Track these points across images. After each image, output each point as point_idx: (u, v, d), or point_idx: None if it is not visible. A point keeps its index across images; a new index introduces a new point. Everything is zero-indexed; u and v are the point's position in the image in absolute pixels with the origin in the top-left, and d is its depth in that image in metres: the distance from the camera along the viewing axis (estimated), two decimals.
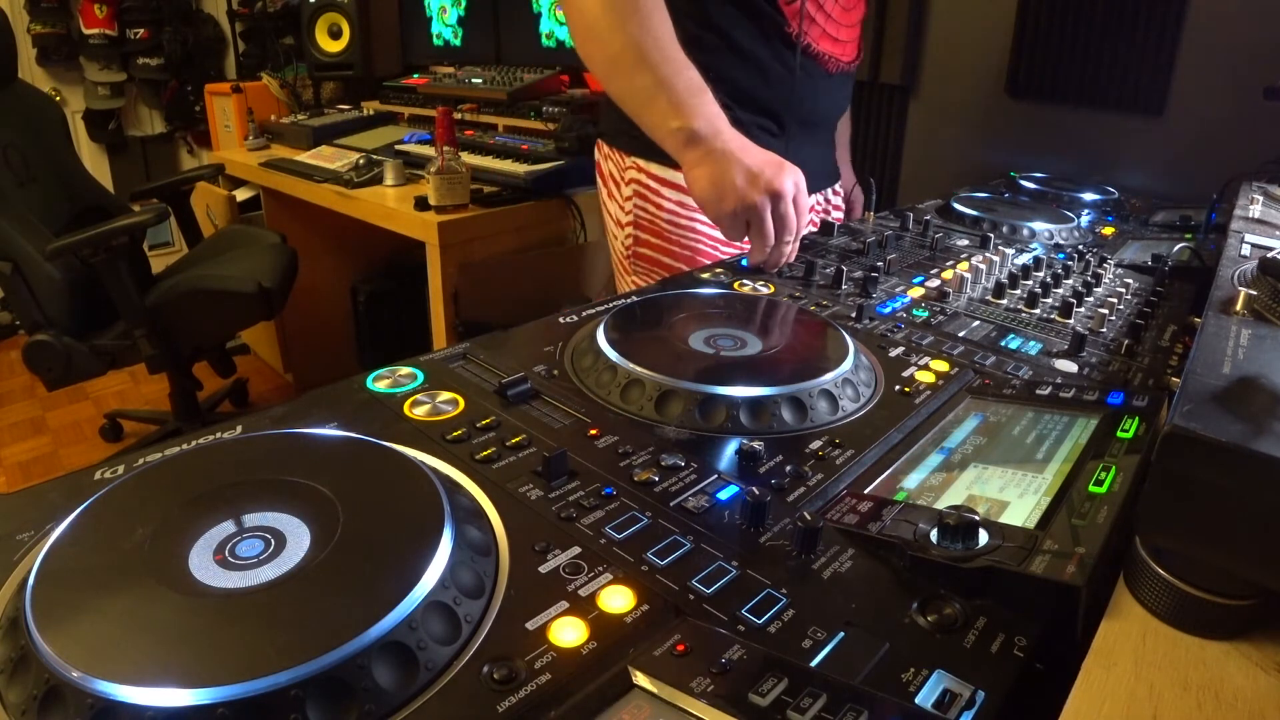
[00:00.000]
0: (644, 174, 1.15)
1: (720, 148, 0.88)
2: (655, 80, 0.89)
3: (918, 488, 0.52)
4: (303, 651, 0.33)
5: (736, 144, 0.89)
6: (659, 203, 1.15)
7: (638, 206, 1.17)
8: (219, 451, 0.50)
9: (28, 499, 0.46)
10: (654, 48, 0.89)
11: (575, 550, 0.44)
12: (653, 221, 1.16)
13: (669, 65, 0.89)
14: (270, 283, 2.16)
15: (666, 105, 0.89)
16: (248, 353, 3.14)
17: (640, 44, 0.88)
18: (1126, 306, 0.88)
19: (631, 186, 1.17)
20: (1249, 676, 0.38)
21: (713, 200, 0.90)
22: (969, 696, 0.36)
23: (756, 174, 0.87)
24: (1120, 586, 0.44)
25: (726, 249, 1.15)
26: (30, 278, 1.97)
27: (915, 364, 0.71)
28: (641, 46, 0.88)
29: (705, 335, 0.69)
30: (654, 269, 1.19)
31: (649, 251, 1.19)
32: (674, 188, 1.13)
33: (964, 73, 1.79)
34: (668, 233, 1.16)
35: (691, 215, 1.14)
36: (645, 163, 1.15)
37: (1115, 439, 0.53)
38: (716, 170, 0.88)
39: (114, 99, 3.83)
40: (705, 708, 0.33)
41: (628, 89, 0.93)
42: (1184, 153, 1.49)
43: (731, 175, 0.87)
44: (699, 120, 0.89)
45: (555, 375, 0.65)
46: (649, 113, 0.92)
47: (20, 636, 0.34)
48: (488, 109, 2.45)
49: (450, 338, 1.91)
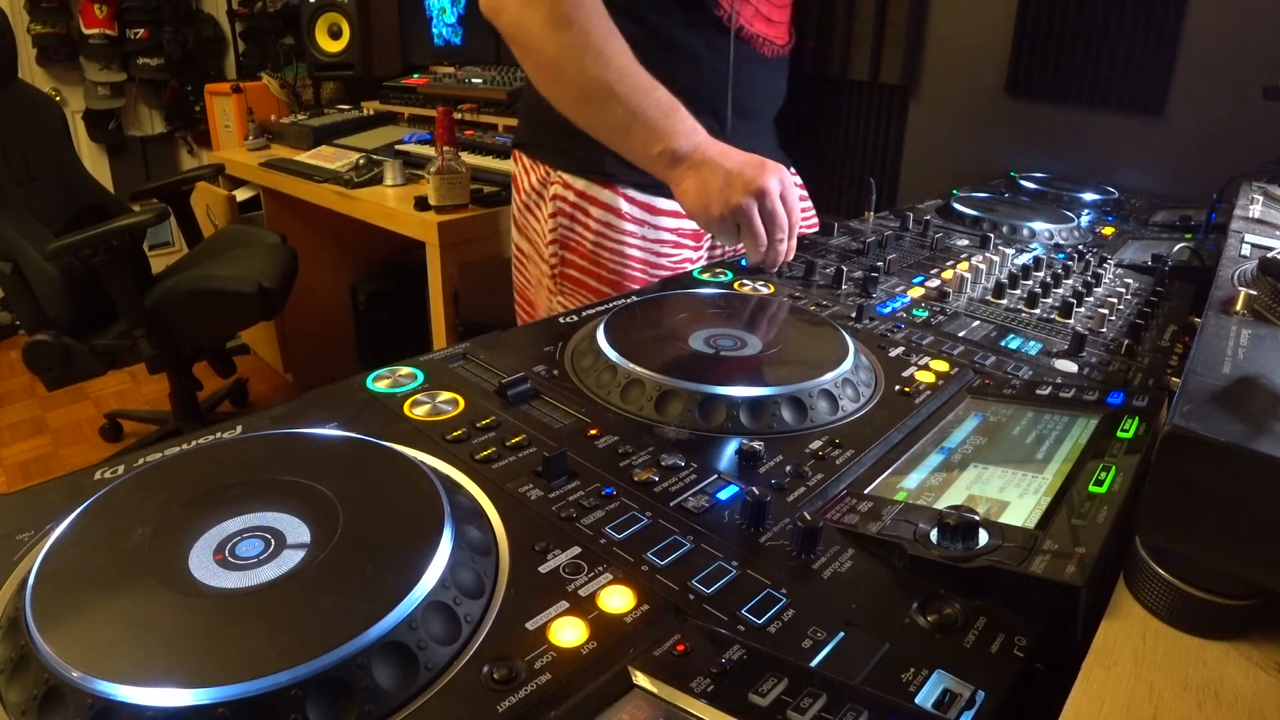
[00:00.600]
0: (570, 190, 1.09)
1: (700, 158, 0.88)
2: (627, 111, 0.88)
3: (918, 488, 0.52)
4: (303, 651, 0.33)
5: (716, 151, 0.89)
6: (585, 222, 1.09)
7: (562, 225, 1.11)
8: (219, 451, 0.50)
9: (28, 499, 0.46)
10: (618, 80, 0.88)
11: (575, 550, 0.44)
12: (579, 242, 1.10)
13: (637, 93, 0.88)
14: (270, 283, 2.16)
15: (643, 133, 0.89)
16: (248, 353, 3.14)
17: (603, 79, 0.88)
18: (1126, 306, 0.88)
19: (555, 203, 1.10)
20: (1249, 676, 0.38)
21: (700, 210, 0.90)
22: (969, 696, 0.36)
23: (737, 175, 0.87)
24: (1120, 586, 0.44)
25: (657, 272, 1.10)
26: (30, 277, 1.97)
27: (915, 364, 0.71)
28: (604, 81, 0.88)
29: (705, 335, 0.69)
30: (580, 290, 1.12)
31: (574, 272, 1.12)
32: (601, 206, 1.07)
33: (964, 73, 1.79)
34: (594, 254, 1.09)
35: (619, 238, 1.08)
36: (571, 178, 1.08)
37: (1115, 439, 0.53)
38: (698, 180, 0.88)
39: (114, 99, 3.83)
40: (705, 708, 0.33)
41: (600, 124, 0.92)
42: (1184, 153, 1.49)
43: (713, 182, 0.87)
44: (678, 139, 0.88)
45: (555, 375, 0.65)
46: (627, 143, 0.91)
47: (20, 636, 0.34)
48: (488, 109, 2.45)
49: (450, 338, 1.91)
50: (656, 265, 1.10)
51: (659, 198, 1.07)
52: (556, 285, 1.14)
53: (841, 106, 2.05)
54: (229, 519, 0.41)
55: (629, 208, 1.07)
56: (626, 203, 1.07)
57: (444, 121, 1.80)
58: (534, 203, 1.16)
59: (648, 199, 1.07)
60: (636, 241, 1.08)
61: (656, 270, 1.10)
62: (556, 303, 1.15)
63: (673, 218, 1.09)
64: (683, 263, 1.12)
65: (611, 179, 1.06)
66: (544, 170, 1.12)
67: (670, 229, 1.10)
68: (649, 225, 1.08)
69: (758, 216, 0.87)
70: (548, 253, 1.14)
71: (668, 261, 1.11)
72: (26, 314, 2.03)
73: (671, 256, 1.11)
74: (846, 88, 2.02)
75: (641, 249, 1.08)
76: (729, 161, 0.88)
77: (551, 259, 1.13)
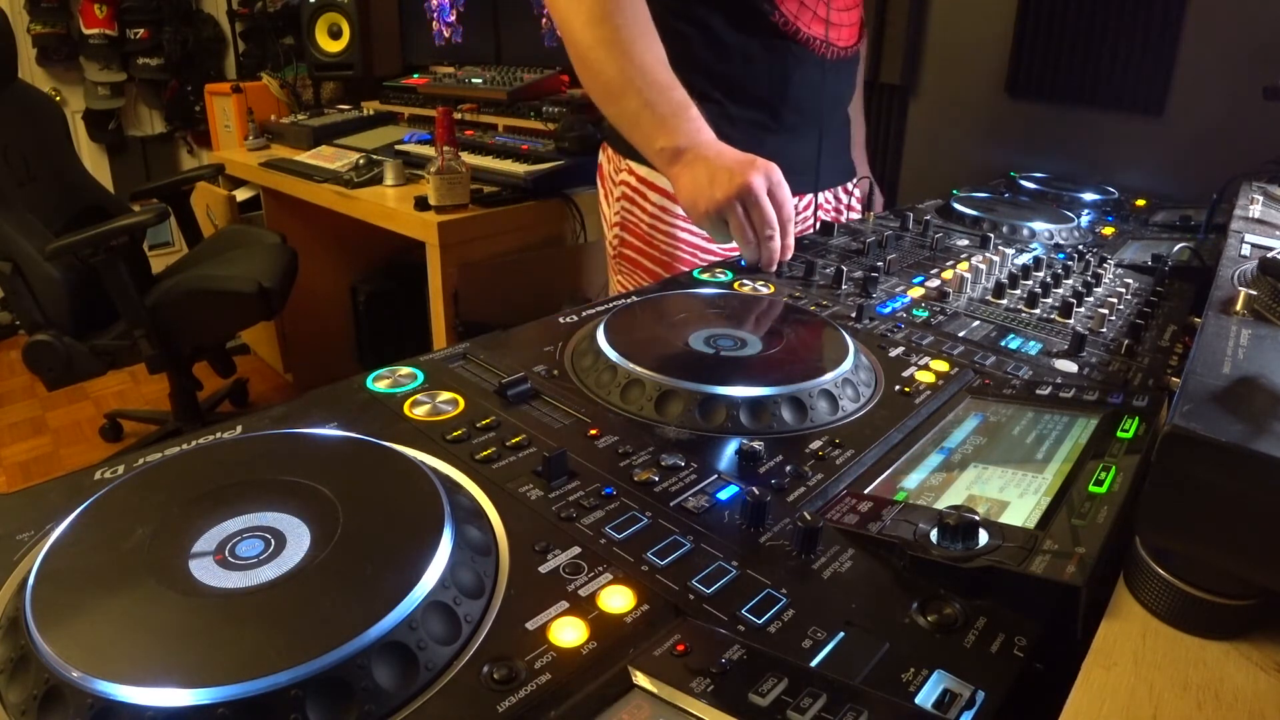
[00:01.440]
0: (633, 176, 1.17)
1: (695, 155, 0.92)
2: (641, 104, 0.94)
3: (918, 488, 0.52)
4: (303, 651, 0.33)
5: (713, 150, 0.92)
6: (644, 205, 1.16)
7: (624, 209, 1.19)
8: (219, 451, 0.50)
9: (28, 499, 0.46)
10: (638, 75, 0.94)
11: (575, 550, 0.44)
12: (637, 224, 1.18)
13: (653, 90, 0.94)
14: (270, 283, 2.16)
15: (651, 127, 0.94)
16: (248, 353, 3.14)
17: (626, 73, 0.94)
18: (1126, 306, 0.88)
19: (621, 188, 1.19)
20: (1249, 676, 0.38)
21: (690, 205, 0.93)
22: (969, 696, 0.36)
23: (723, 172, 0.89)
24: (1120, 586, 0.44)
25: (706, 255, 1.16)
26: (30, 278, 1.97)
27: (915, 364, 0.71)
28: (627, 75, 0.94)
29: (705, 335, 0.69)
30: (636, 270, 1.20)
31: (631, 253, 1.20)
32: (659, 191, 1.14)
33: (964, 73, 1.79)
34: (649, 236, 1.17)
35: (673, 220, 1.15)
36: (635, 165, 1.17)
37: (1115, 439, 0.53)
38: (691, 176, 0.92)
39: (114, 99, 3.83)
40: (705, 708, 0.33)
41: (618, 113, 0.98)
42: (1184, 153, 1.49)
43: (703, 178, 0.90)
44: (680, 137, 0.93)
45: (555, 375, 0.65)
46: (637, 134, 0.97)
47: (20, 636, 0.34)
48: (488, 109, 2.45)
49: (450, 338, 1.91)
50: (707, 250, 1.16)
51: None
52: (616, 265, 1.23)
53: None
54: (229, 519, 0.41)
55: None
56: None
57: (444, 121, 1.80)
58: (609, 188, 1.24)
59: None
60: (689, 225, 1.14)
61: (707, 255, 1.16)
62: (616, 282, 1.24)
63: None
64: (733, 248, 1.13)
65: None
66: (618, 159, 1.21)
67: None
68: None
69: (742, 212, 0.89)
70: (610, 235, 1.23)
71: (719, 246, 1.15)
72: (26, 314, 2.03)
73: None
74: None
75: (693, 233, 1.14)
76: (721, 160, 0.91)
77: (614, 240, 1.22)
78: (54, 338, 1.99)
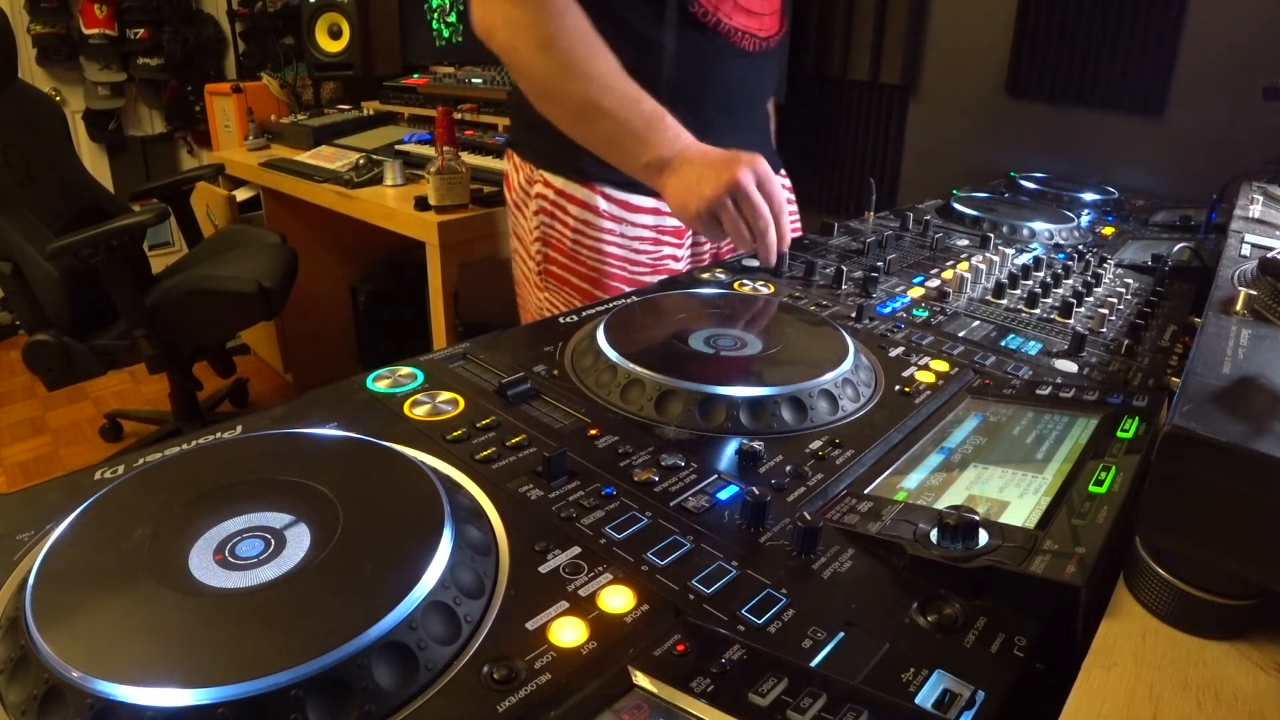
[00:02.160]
0: (550, 189, 1.10)
1: (681, 161, 0.91)
2: (613, 124, 0.92)
3: (918, 488, 0.52)
4: (303, 651, 0.33)
5: (695, 152, 0.91)
6: (564, 219, 1.10)
7: (544, 223, 1.12)
8: (219, 451, 0.50)
9: (28, 499, 0.46)
10: (602, 95, 0.91)
11: (575, 550, 0.44)
12: (560, 239, 1.11)
13: (623, 107, 0.91)
14: (270, 283, 2.15)
15: (631, 145, 0.92)
16: (248, 353, 3.14)
17: (587, 96, 0.91)
18: (1126, 306, 0.88)
19: (538, 201, 1.12)
20: (1249, 676, 0.38)
21: (681, 209, 0.92)
22: (969, 696, 0.36)
23: (709, 170, 0.88)
24: (1120, 586, 0.44)
25: (634, 269, 1.11)
26: (30, 278, 1.97)
27: (915, 364, 0.71)
28: (590, 97, 0.91)
29: (705, 335, 0.69)
30: (563, 287, 1.13)
31: (557, 269, 1.13)
32: (579, 204, 1.08)
33: (964, 73, 1.79)
34: (574, 252, 1.11)
35: (597, 235, 1.09)
36: (550, 176, 1.10)
37: (1115, 439, 0.53)
38: (678, 180, 0.91)
39: (114, 99, 3.83)
40: (705, 708, 0.33)
41: (592, 138, 0.95)
42: (1184, 153, 1.49)
43: (691, 180, 0.89)
44: (663, 148, 0.91)
45: (555, 375, 0.65)
46: (618, 155, 0.95)
47: (20, 636, 0.34)
48: (488, 109, 2.45)
49: (450, 338, 1.91)
50: (635, 262, 1.11)
51: (636, 195, 1.08)
52: (542, 281, 1.16)
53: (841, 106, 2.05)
54: (229, 519, 0.41)
55: (606, 205, 1.08)
56: (604, 200, 1.08)
57: (444, 121, 1.80)
58: (522, 201, 1.17)
59: (625, 196, 1.08)
60: (614, 239, 1.09)
61: (635, 266, 1.11)
62: (543, 299, 1.17)
63: (651, 214, 1.10)
64: (664, 259, 1.13)
65: (588, 177, 1.07)
66: (529, 169, 1.14)
67: (649, 225, 1.11)
68: (626, 223, 1.09)
69: (733, 207, 0.88)
70: (533, 250, 1.15)
71: (648, 259, 1.12)
72: (26, 314, 2.03)
73: (652, 253, 1.12)
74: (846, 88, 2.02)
75: (620, 245, 1.10)
76: (705, 159, 0.90)
77: (536, 255, 1.15)
78: (54, 338, 1.99)
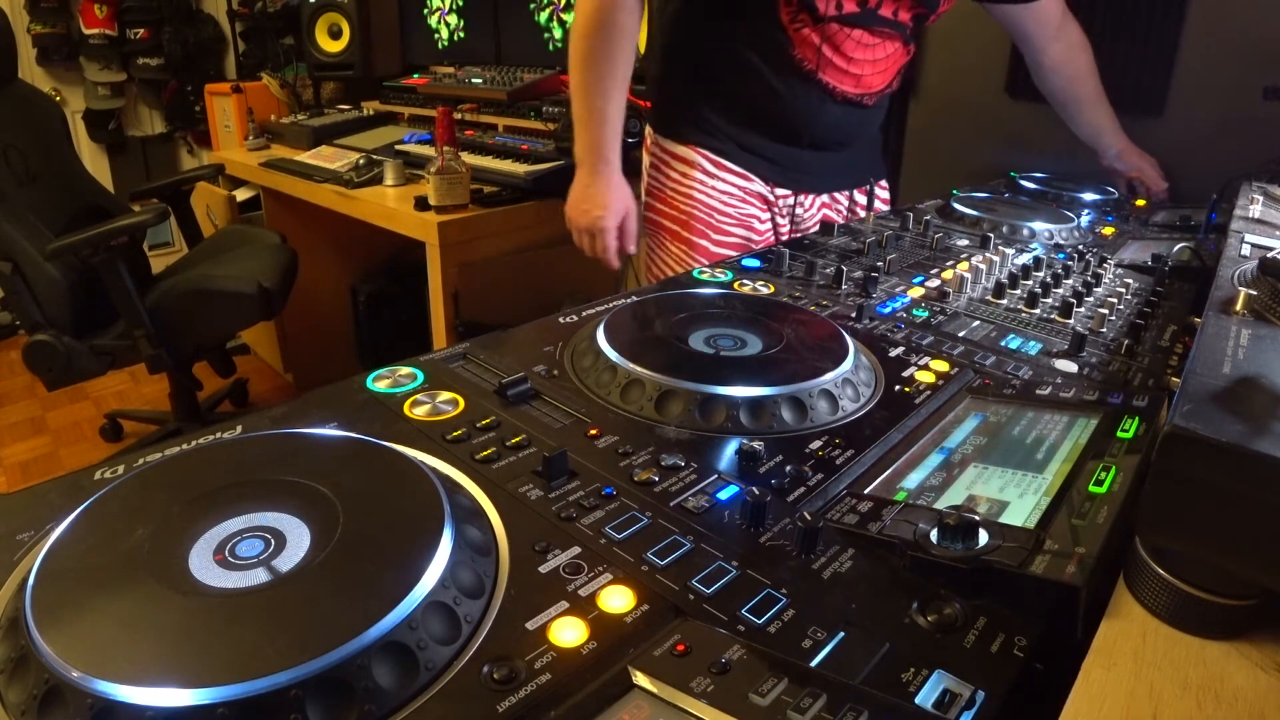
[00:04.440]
0: (659, 147, 1.33)
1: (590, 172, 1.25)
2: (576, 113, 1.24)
3: (918, 488, 0.52)
4: (303, 651, 0.33)
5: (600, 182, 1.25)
6: (668, 173, 1.32)
7: (652, 177, 1.35)
8: (219, 451, 0.50)
9: (28, 499, 0.46)
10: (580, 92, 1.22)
11: (575, 550, 0.44)
12: (662, 189, 1.33)
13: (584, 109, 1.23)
14: (270, 283, 2.15)
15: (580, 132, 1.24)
16: (248, 353, 3.14)
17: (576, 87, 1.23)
18: (1126, 306, 0.88)
19: (650, 157, 1.36)
20: (1249, 676, 0.38)
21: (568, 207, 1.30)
22: (969, 696, 0.36)
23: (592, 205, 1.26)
24: (1120, 586, 0.44)
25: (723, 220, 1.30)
26: (30, 278, 1.97)
27: (915, 364, 0.71)
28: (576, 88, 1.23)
29: (705, 335, 0.69)
30: (659, 233, 1.35)
31: (656, 216, 1.34)
32: (681, 160, 1.29)
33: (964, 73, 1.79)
34: (672, 199, 1.32)
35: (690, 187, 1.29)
36: (660, 137, 1.33)
37: (1115, 439, 0.53)
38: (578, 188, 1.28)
39: (114, 99, 3.83)
40: (705, 708, 0.33)
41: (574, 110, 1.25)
42: (1184, 153, 1.49)
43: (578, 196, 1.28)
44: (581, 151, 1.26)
45: (555, 375, 0.65)
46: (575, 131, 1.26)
47: (20, 636, 0.34)
48: (488, 109, 2.45)
49: (450, 338, 1.91)
50: (722, 213, 1.30)
51: (727, 160, 1.28)
52: (648, 229, 1.38)
53: None
54: (229, 519, 0.41)
55: (703, 162, 1.28)
56: (701, 158, 1.28)
57: (444, 121, 1.80)
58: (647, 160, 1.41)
59: (718, 159, 1.28)
60: (707, 190, 1.29)
61: (722, 217, 1.30)
62: (645, 245, 1.40)
63: (739, 177, 1.29)
64: (749, 217, 1.31)
65: (689, 138, 1.28)
66: (650, 131, 1.37)
67: (737, 185, 1.29)
68: (717, 178, 1.29)
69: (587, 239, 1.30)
70: (644, 201, 1.38)
71: (735, 213, 1.30)
72: (26, 314, 2.03)
73: (739, 209, 1.30)
74: None
75: (709, 196, 1.29)
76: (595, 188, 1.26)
77: (645, 208, 1.37)
78: (54, 338, 1.99)
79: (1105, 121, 1.44)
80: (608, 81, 1.20)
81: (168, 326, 2.11)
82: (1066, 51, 1.40)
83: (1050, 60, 1.40)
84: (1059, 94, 1.44)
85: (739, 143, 1.27)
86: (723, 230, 1.29)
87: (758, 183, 1.29)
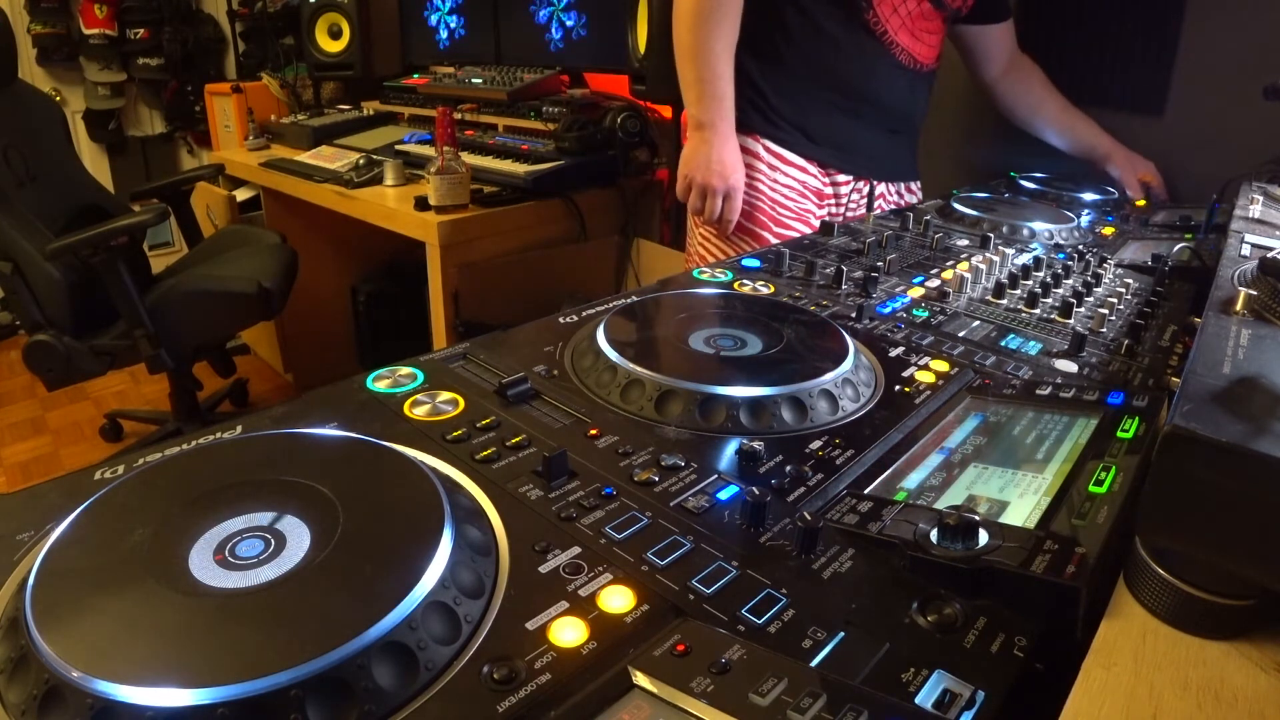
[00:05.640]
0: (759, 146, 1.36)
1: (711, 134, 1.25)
2: (695, 75, 1.24)
3: (918, 488, 0.52)
4: (303, 651, 0.33)
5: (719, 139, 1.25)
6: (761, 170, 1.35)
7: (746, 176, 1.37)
8: (219, 451, 0.50)
9: (28, 499, 0.46)
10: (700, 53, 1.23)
11: (575, 550, 0.44)
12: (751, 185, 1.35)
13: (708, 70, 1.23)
14: (270, 283, 2.16)
15: (693, 95, 1.25)
16: (248, 353, 3.14)
17: (694, 48, 1.24)
18: (1126, 306, 0.88)
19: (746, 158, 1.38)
20: (1249, 676, 0.38)
21: (682, 162, 1.29)
22: (969, 696, 0.36)
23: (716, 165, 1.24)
24: (1120, 586, 0.44)
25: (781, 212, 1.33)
26: (30, 278, 1.97)
27: (915, 364, 0.71)
28: (694, 49, 1.24)
29: (705, 335, 0.69)
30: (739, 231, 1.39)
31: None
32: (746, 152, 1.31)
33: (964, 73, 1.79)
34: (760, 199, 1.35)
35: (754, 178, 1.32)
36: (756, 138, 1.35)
37: (1115, 439, 0.53)
38: (694, 148, 1.26)
39: (114, 99, 3.83)
40: (705, 708, 0.33)
41: (681, 76, 1.27)
42: (1184, 153, 1.49)
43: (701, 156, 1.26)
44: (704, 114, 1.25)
45: (555, 375, 0.65)
46: (685, 95, 1.27)
47: (20, 636, 0.34)
48: (488, 109, 2.45)
49: (450, 338, 1.91)
50: (783, 206, 1.34)
51: (790, 151, 1.33)
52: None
53: None
54: (229, 519, 0.41)
55: (764, 154, 1.33)
56: (764, 150, 1.33)
57: (444, 121, 1.80)
58: None
59: (780, 150, 1.33)
60: (768, 183, 1.33)
61: (782, 210, 1.34)
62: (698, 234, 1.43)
63: (800, 171, 1.34)
64: (805, 212, 1.35)
65: (750, 125, 1.32)
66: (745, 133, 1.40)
67: (797, 180, 1.34)
68: (780, 171, 1.33)
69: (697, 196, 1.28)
70: None
71: (794, 206, 1.34)
72: (26, 314, 2.03)
73: (799, 204, 1.35)
74: None
75: (771, 189, 1.34)
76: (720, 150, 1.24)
77: None
78: (54, 338, 1.99)
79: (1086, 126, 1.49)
80: (724, 43, 1.22)
81: (168, 326, 2.11)
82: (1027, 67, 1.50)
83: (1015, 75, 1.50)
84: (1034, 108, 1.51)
85: (797, 124, 1.31)
86: (783, 224, 1.33)
87: (815, 176, 1.34)
